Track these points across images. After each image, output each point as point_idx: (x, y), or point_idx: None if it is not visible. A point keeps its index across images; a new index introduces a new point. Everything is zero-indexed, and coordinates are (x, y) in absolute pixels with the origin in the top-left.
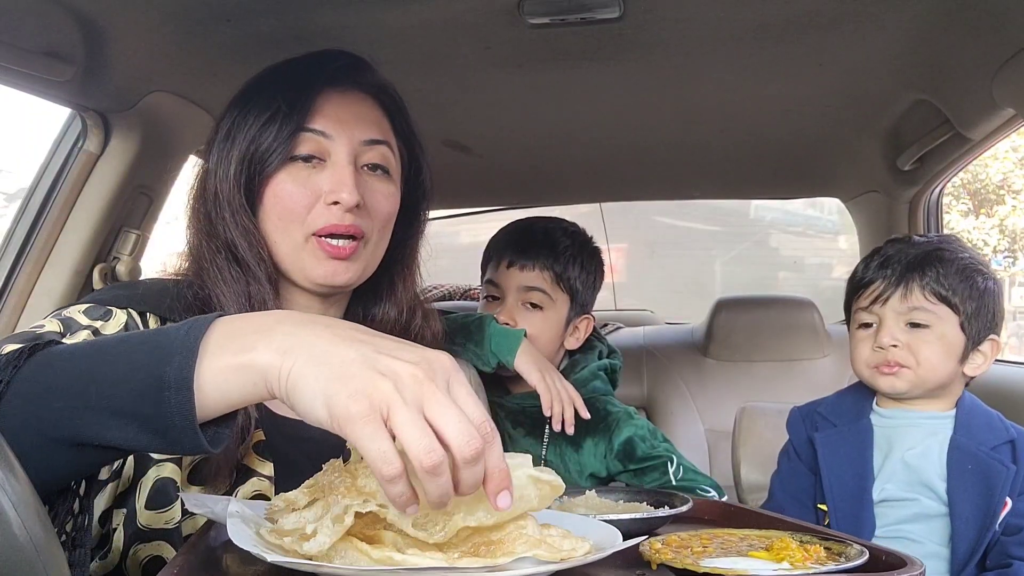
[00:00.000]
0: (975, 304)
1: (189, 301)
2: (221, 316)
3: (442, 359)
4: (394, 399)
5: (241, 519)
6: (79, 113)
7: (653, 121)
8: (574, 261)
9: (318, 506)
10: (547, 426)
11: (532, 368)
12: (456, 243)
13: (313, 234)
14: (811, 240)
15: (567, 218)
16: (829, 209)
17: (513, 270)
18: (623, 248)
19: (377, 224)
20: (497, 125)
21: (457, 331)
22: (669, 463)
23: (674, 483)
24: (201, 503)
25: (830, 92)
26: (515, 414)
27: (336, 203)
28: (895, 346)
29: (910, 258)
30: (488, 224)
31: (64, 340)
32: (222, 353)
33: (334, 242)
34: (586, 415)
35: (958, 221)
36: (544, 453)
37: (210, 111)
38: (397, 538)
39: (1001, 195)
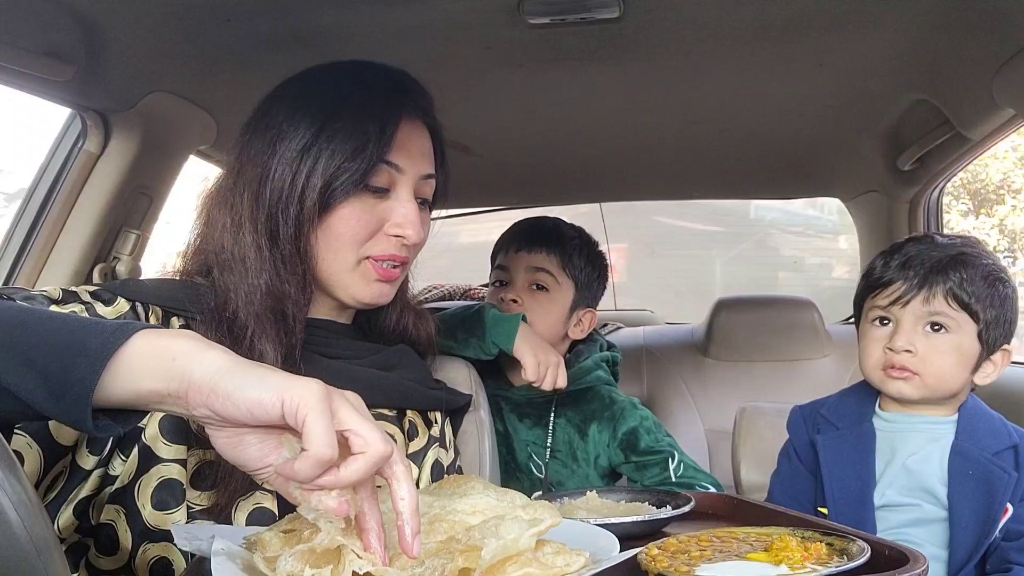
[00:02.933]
0: (995, 312)
1: (214, 307)
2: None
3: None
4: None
5: (227, 556)
6: (79, 113)
7: (653, 121)
8: (579, 252)
9: (296, 543)
10: (552, 416)
11: (527, 349)
12: (456, 243)
13: (368, 257)
14: (811, 240)
15: (567, 218)
16: (829, 209)
17: (522, 253)
18: (623, 248)
19: (416, 252)
20: (497, 125)
21: (457, 327)
22: (670, 459)
23: (674, 480)
24: (192, 536)
25: (830, 92)
26: (520, 406)
27: (398, 236)
28: (909, 351)
29: (933, 260)
30: (488, 224)
31: (55, 303)
32: (147, 336)
33: (386, 264)
34: (557, 390)
35: (958, 221)
36: (550, 442)
37: (210, 111)
38: None
39: (1001, 195)
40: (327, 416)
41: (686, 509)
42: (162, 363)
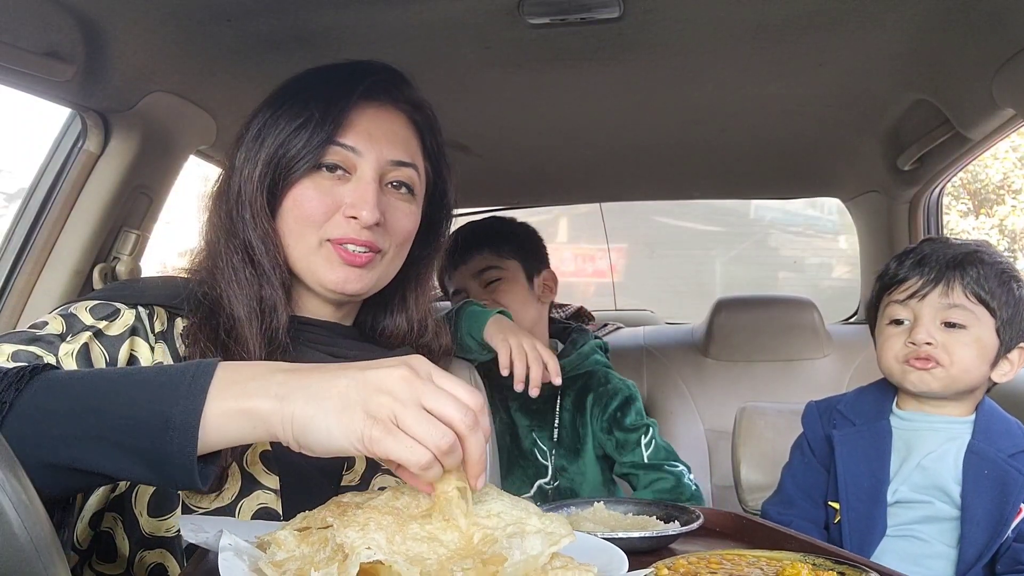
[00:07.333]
0: (1010, 311)
1: (199, 300)
2: (222, 361)
3: (418, 359)
4: (396, 407)
5: (234, 552)
6: (79, 113)
7: (653, 121)
8: (507, 238)
9: (313, 540)
10: (557, 402)
11: (496, 334)
12: None
13: (328, 240)
14: (811, 240)
15: (567, 218)
16: (829, 209)
17: (461, 267)
18: (623, 248)
19: (395, 241)
20: (497, 125)
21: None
22: (643, 434)
23: (645, 460)
24: (199, 528)
25: (830, 92)
26: (523, 394)
27: (354, 218)
28: (929, 344)
29: (949, 257)
30: None
31: (64, 341)
32: (223, 398)
33: (350, 248)
34: (558, 380)
35: (958, 221)
36: (557, 423)
37: (210, 111)
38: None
39: (1001, 195)
40: (398, 437)
41: (694, 526)
42: (244, 424)
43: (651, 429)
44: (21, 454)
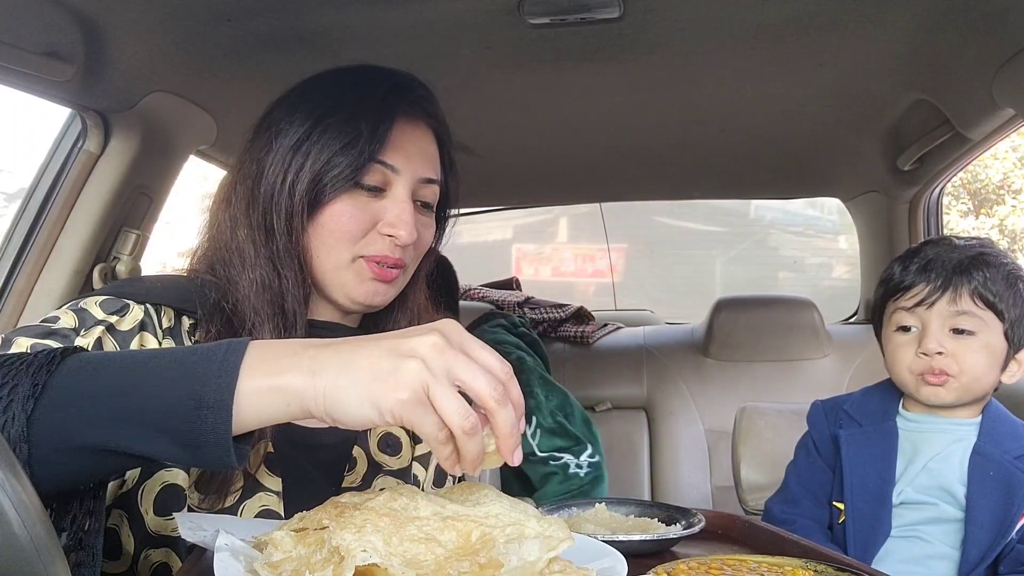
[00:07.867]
0: (1018, 311)
1: (215, 302)
2: (253, 340)
3: (450, 325)
4: (427, 377)
5: (230, 552)
6: (79, 113)
7: (653, 121)
8: None
9: (310, 542)
10: None
11: None
12: (456, 243)
13: (362, 256)
14: (811, 240)
15: (567, 218)
16: (829, 209)
17: None
18: (623, 248)
19: (417, 254)
20: (497, 125)
21: None
22: (527, 425)
23: (538, 452)
24: (196, 526)
25: (830, 92)
26: None
27: (390, 235)
28: (940, 353)
29: (955, 262)
30: (488, 224)
31: (79, 335)
32: (255, 375)
33: (381, 265)
34: None
35: (958, 221)
36: None
37: (210, 111)
38: None
39: (1001, 195)
40: (425, 410)
41: (696, 529)
42: (278, 401)
43: (534, 419)
44: (55, 436)
